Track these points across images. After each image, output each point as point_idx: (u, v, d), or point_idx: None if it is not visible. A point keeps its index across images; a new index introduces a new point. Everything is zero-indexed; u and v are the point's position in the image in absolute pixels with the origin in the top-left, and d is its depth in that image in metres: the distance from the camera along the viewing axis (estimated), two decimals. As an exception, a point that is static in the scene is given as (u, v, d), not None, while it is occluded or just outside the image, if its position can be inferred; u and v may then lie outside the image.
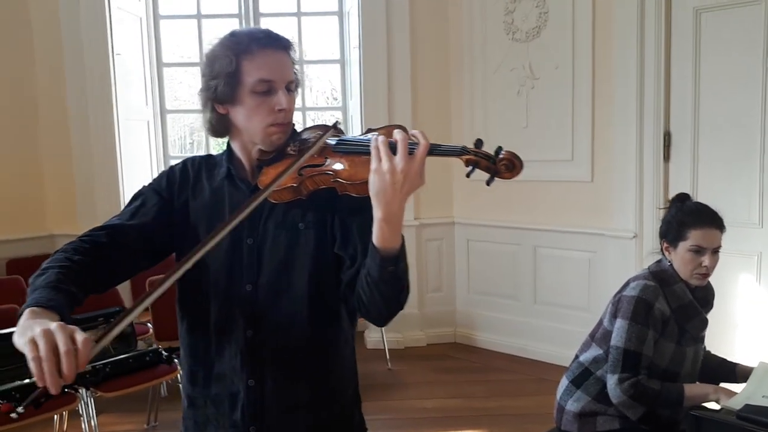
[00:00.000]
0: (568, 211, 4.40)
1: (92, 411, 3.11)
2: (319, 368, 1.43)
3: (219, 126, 1.42)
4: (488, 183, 1.27)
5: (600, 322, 2.32)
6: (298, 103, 1.49)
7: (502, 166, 1.25)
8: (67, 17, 4.72)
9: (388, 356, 4.54)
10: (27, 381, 2.93)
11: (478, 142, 1.26)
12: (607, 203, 4.18)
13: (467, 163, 1.26)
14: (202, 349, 1.42)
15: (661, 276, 2.20)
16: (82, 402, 3.05)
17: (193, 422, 1.48)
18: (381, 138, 1.20)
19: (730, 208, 3.70)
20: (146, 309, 3.76)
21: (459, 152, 1.25)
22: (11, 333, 1.10)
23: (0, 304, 3.53)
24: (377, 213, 1.20)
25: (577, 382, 2.28)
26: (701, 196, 3.81)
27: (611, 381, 2.13)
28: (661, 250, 2.27)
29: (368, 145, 1.23)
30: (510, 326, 4.79)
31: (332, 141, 1.34)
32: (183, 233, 1.43)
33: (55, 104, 4.81)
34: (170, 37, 5.78)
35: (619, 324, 2.15)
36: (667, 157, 3.98)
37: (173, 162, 5.77)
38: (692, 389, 2.11)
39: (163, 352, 3.43)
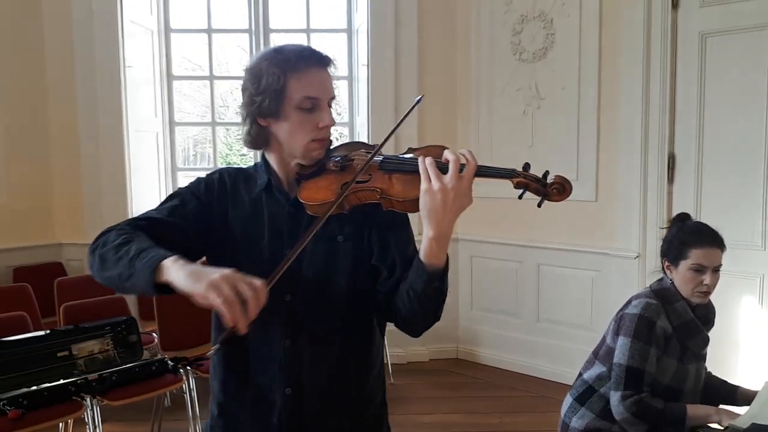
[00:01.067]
0: (571, 229, 4.43)
1: (98, 419, 3.11)
2: (353, 377, 1.46)
3: (259, 138, 1.43)
4: (539, 205, 1.33)
5: (603, 340, 2.35)
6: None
7: (553, 189, 1.31)
8: (80, 29, 4.79)
9: (390, 370, 4.55)
10: (35, 388, 2.97)
11: (526, 166, 1.32)
12: (610, 223, 4.21)
13: (517, 185, 1.31)
14: (237, 358, 1.44)
15: (662, 294, 2.23)
16: (88, 410, 3.06)
17: (222, 429, 1.49)
18: (429, 159, 1.25)
19: (732, 230, 3.75)
20: (152, 318, 3.80)
21: (509, 174, 1.31)
22: (18, 340, 1.12)
23: (8, 311, 3.56)
24: (428, 231, 1.25)
25: (582, 399, 2.31)
26: (704, 218, 3.85)
27: (614, 398, 2.15)
28: (663, 268, 2.30)
29: (414, 164, 1.28)
30: (513, 343, 4.80)
31: (378, 158, 1.38)
32: (220, 240, 1.44)
33: (66, 114, 4.86)
34: (179, 50, 5.85)
35: (622, 341, 2.18)
36: (671, 179, 4.02)
37: (180, 174, 5.81)
38: (695, 410, 2.12)
39: (169, 362, 3.45)
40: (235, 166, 1.57)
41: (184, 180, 6.29)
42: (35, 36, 4.81)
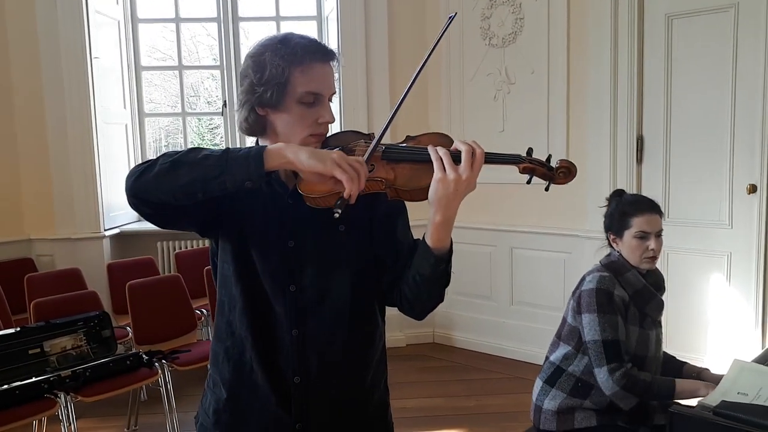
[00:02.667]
0: (543, 212, 4.48)
1: (72, 416, 3.09)
2: (359, 363, 1.49)
3: (256, 126, 1.42)
4: (547, 189, 1.38)
5: (564, 321, 2.40)
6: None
7: (560, 173, 1.36)
8: (44, 21, 4.69)
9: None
10: (5, 387, 2.93)
11: (530, 151, 1.36)
12: (581, 205, 4.25)
13: (524, 170, 1.36)
14: (249, 344, 1.44)
15: (613, 266, 2.31)
16: (62, 407, 3.04)
17: (230, 415, 1.49)
18: (442, 149, 1.30)
19: (700, 209, 3.85)
20: (126, 312, 3.77)
21: (515, 160, 1.35)
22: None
23: (-22, 308, 3.52)
24: (436, 217, 1.32)
25: (551, 381, 2.35)
26: (673, 198, 3.95)
27: (601, 374, 2.18)
28: (609, 243, 2.39)
29: (422, 154, 1.32)
30: (487, 326, 4.85)
31: (380, 147, 1.37)
32: (225, 232, 1.44)
33: (32, 108, 4.77)
34: (148, 40, 5.75)
35: (588, 318, 2.23)
36: (639, 160, 4.07)
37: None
38: (683, 384, 2.17)
39: (144, 355, 3.43)
40: None
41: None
42: (-3, 28, 4.70)
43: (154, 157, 1.31)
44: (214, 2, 5.34)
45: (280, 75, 1.34)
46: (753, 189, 3.63)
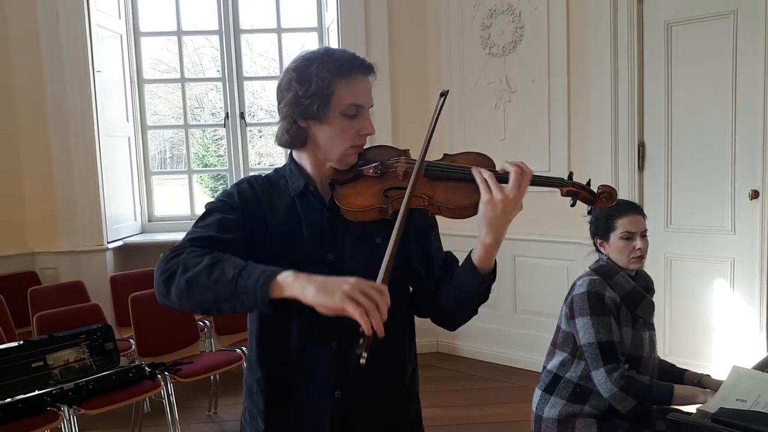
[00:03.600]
0: (546, 220, 4.46)
1: (75, 429, 3.10)
2: (395, 373, 1.51)
3: (297, 139, 1.42)
4: (589, 212, 1.49)
5: (558, 328, 2.42)
6: (276, 116, 1.53)
7: (602, 198, 1.42)
8: (46, 35, 4.72)
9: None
10: (9, 400, 2.94)
11: (570, 174, 1.41)
12: (583, 212, 4.23)
13: (567, 194, 1.41)
14: (284, 369, 1.45)
15: (602, 270, 2.34)
16: (65, 420, 3.04)
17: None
18: (487, 171, 1.33)
19: (703, 215, 3.84)
20: (129, 325, 3.77)
21: (559, 184, 1.40)
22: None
23: (-19, 322, 3.53)
24: (486, 238, 1.35)
25: (549, 389, 2.35)
26: (675, 204, 3.94)
27: (599, 376, 2.18)
28: (596, 248, 2.43)
29: (464, 173, 1.35)
30: (491, 335, 4.83)
31: (422, 166, 1.39)
32: (262, 249, 1.42)
33: (36, 122, 4.80)
34: (151, 53, 5.79)
35: (582, 322, 2.24)
36: (641, 167, 4.07)
37: (155, 178, 5.77)
38: (682, 390, 2.17)
39: (146, 368, 3.43)
40: (255, 174, 1.53)
41: (160, 184, 6.25)
42: (1, 43, 4.74)
43: (180, 247, 1.31)
44: (215, 15, 5.37)
45: (327, 87, 1.36)
46: (755, 195, 3.62)
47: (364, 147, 1.47)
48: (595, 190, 1.41)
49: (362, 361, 1.15)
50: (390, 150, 1.48)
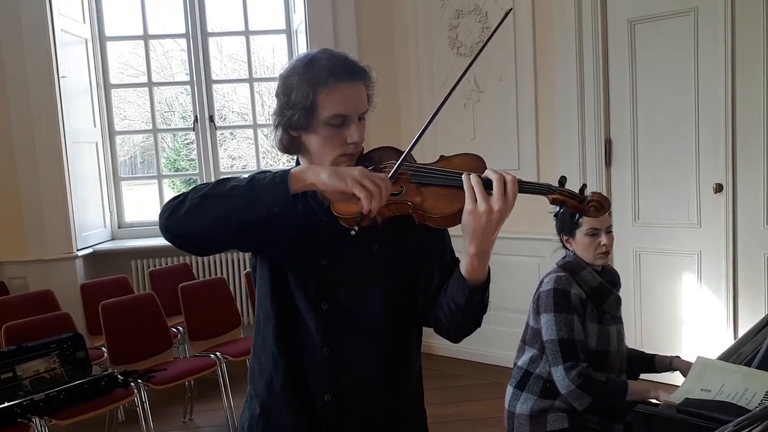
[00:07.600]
0: (517, 217, 4.47)
1: (47, 440, 3.06)
2: (392, 383, 1.47)
3: (290, 146, 1.43)
4: (555, 214, 1.45)
5: (527, 325, 2.44)
6: (249, 119, 1.52)
7: (591, 207, 1.31)
8: (8, 41, 4.65)
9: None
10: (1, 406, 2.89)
11: (563, 179, 1.33)
12: (553, 208, 4.28)
13: (554, 201, 1.32)
14: (281, 361, 1.45)
15: (568, 266, 2.37)
16: (35, 431, 3.00)
17: (262, 431, 1.50)
18: (475, 178, 1.26)
19: (670, 209, 3.91)
20: (100, 333, 3.73)
21: (545, 191, 1.33)
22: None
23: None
24: (470, 249, 1.28)
25: (521, 385, 2.38)
26: (642, 199, 4.00)
27: (558, 373, 2.22)
28: (563, 244, 2.46)
29: (452, 178, 1.29)
30: (466, 333, 4.86)
31: (410, 169, 1.36)
32: (266, 247, 1.44)
33: (-1, 129, 4.73)
34: (119, 57, 5.73)
35: (546, 318, 2.28)
36: (608, 163, 4.13)
37: (124, 183, 5.69)
38: (635, 385, 2.21)
39: (119, 376, 3.39)
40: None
41: (130, 189, 6.18)
42: (-38, 50, 4.65)
43: (185, 191, 1.33)
44: (182, 18, 5.33)
45: (306, 99, 1.34)
46: (719, 188, 3.70)
47: (369, 149, 1.45)
48: (587, 195, 1.33)
49: (352, 233, 1.26)
50: (392, 151, 1.45)
